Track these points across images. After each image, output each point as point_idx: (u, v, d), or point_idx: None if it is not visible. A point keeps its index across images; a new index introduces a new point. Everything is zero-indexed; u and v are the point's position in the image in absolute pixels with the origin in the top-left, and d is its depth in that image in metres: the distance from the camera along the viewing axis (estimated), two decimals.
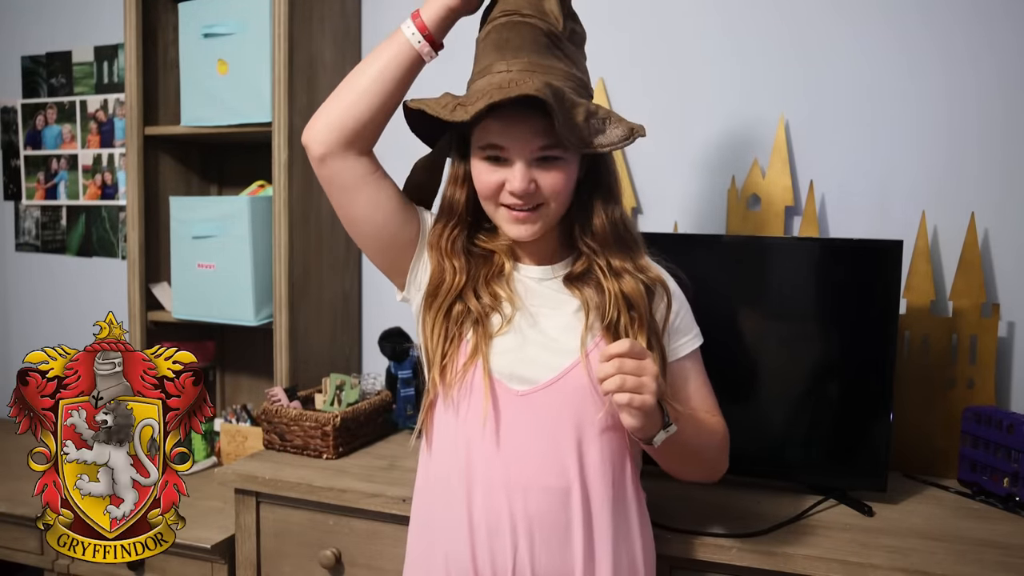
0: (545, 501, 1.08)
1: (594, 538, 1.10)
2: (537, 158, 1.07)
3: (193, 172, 2.18)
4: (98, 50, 2.39)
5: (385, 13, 2.08)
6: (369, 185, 1.14)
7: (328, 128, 1.11)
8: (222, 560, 1.66)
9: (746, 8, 1.78)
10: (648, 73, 1.86)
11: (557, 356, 1.10)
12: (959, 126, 1.66)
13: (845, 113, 1.72)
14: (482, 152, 1.09)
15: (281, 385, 1.87)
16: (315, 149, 1.13)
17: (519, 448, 1.10)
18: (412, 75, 1.13)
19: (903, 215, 1.68)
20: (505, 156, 1.07)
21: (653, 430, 1.04)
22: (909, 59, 1.68)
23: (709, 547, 1.30)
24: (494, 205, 1.12)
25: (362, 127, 1.11)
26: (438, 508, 1.15)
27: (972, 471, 1.55)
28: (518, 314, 1.13)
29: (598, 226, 1.13)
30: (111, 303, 2.37)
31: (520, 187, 1.06)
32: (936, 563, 1.22)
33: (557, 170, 1.08)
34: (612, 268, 1.13)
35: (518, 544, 1.08)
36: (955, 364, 1.62)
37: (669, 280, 1.20)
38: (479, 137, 1.09)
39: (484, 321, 1.12)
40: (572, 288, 1.14)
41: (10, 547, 1.88)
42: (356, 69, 1.13)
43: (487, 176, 1.10)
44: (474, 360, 1.10)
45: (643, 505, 1.19)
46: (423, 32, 1.10)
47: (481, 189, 1.11)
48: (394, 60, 1.11)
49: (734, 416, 1.56)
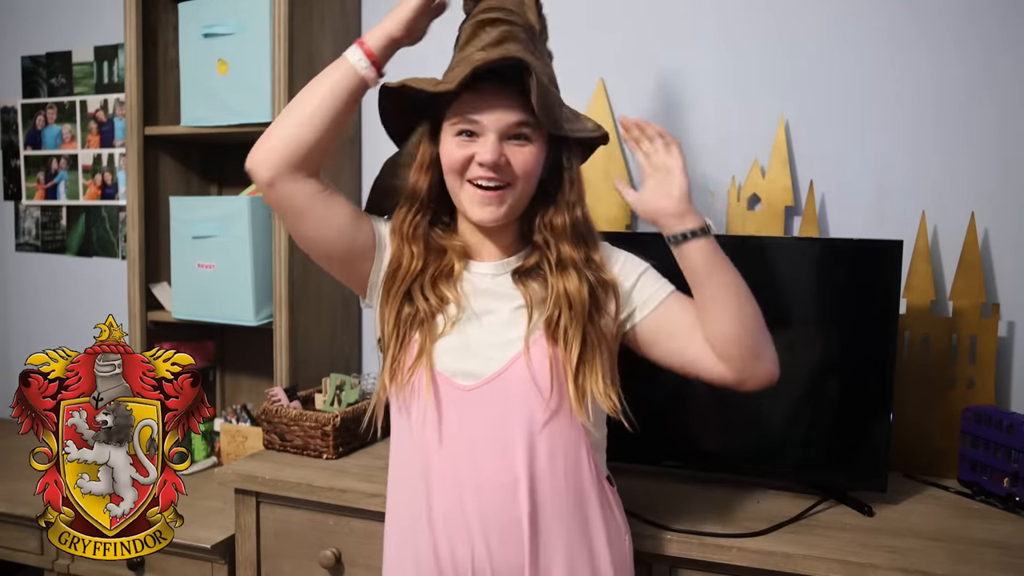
0: (497, 496, 1.10)
1: (540, 533, 1.10)
2: (510, 135, 1.10)
3: (193, 172, 2.17)
4: (98, 50, 2.39)
5: (385, 13, 2.07)
6: (318, 204, 1.14)
7: (274, 153, 1.12)
8: (222, 560, 1.66)
9: (746, 8, 1.78)
10: (648, 73, 1.86)
11: (501, 350, 1.11)
12: (959, 126, 1.66)
13: (845, 113, 1.72)
14: (454, 128, 1.11)
15: (281, 385, 1.87)
16: (262, 175, 1.12)
17: (469, 444, 1.11)
18: (357, 100, 1.15)
19: (903, 215, 1.68)
20: (478, 131, 1.10)
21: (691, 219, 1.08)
22: (909, 59, 1.68)
23: (709, 547, 1.30)
24: (460, 181, 1.12)
25: (308, 151, 1.12)
26: (403, 509, 1.18)
27: (972, 471, 1.55)
28: (463, 314, 1.14)
29: (558, 223, 1.15)
30: (111, 303, 2.38)
31: (491, 158, 1.08)
32: (936, 563, 1.22)
33: (528, 149, 1.11)
34: (561, 261, 1.13)
35: (474, 540, 1.10)
36: (955, 364, 1.62)
37: (626, 263, 1.18)
38: (454, 113, 1.11)
39: (429, 322, 1.13)
40: (518, 283, 1.15)
41: (10, 547, 1.88)
42: (301, 94, 1.14)
43: (457, 150, 1.11)
44: (420, 361, 1.12)
45: (608, 500, 1.18)
46: (370, 58, 1.13)
47: (450, 163, 1.12)
48: (340, 85, 1.12)
49: (735, 416, 1.57)
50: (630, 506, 1.39)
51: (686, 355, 1.14)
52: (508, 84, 1.09)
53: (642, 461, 1.61)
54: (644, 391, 1.60)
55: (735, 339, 1.10)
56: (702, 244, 1.09)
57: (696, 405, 1.60)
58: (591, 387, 1.10)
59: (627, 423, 1.11)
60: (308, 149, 1.11)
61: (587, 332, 1.11)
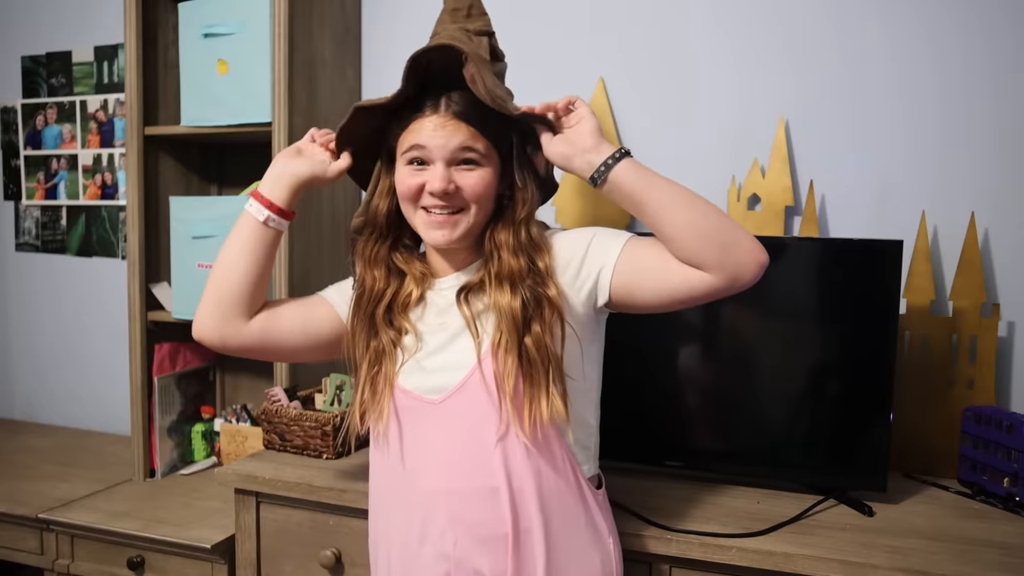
0: (478, 502, 1.12)
1: (520, 535, 1.11)
2: (458, 160, 1.12)
3: (193, 172, 2.17)
4: (98, 50, 2.39)
5: (385, 13, 2.08)
6: (271, 333, 1.23)
7: (210, 315, 1.21)
8: (222, 560, 1.66)
9: (746, 9, 1.78)
10: (648, 73, 1.86)
11: (463, 356, 1.13)
12: (959, 126, 1.66)
13: (845, 113, 1.72)
14: (405, 157, 1.14)
15: (281, 385, 1.87)
16: (209, 338, 1.22)
17: (448, 454, 1.14)
18: (274, 244, 1.22)
19: (903, 215, 1.68)
20: (427, 158, 1.12)
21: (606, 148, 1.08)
22: (909, 59, 1.68)
23: (709, 547, 1.29)
24: (414, 208, 1.16)
25: (239, 299, 1.20)
26: (384, 523, 1.22)
27: (972, 471, 1.55)
28: (425, 336, 1.18)
29: (501, 239, 1.15)
30: (111, 303, 2.38)
31: (439, 186, 1.10)
32: (936, 563, 1.22)
33: (476, 172, 1.13)
34: (499, 274, 1.14)
35: (457, 548, 1.12)
36: (955, 364, 1.62)
37: (575, 238, 1.16)
38: (403, 142, 1.14)
39: (392, 355, 1.18)
40: (462, 304, 1.15)
41: (10, 547, 1.88)
42: (219, 253, 1.22)
43: (408, 179, 1.14)
44: (385, 391, 1.17)
45: (588, 504, 1.18)
46: (272, 209, 1.20)
47: (403, 191, 1.15)
48: (251, 236, 1.21)
49: (735, 416, 1.57)
50: (631, 506, 1.40)
51: (668, 284, 1.08)
52: (456, 99, 1.12)
53: (642, 461, 1.61)
54: (644, 391, 1.61)
55: (700, 238, 1.04)
56: (626, 165, 1.08)
57: (696, 405, 1.60)
58: (531, 406, 1.09)
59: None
60: (238, 298, 1.20)
61: (522, 349, 1.10)
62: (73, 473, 2.05)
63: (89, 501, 1.88)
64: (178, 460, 2.07)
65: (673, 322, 1.54)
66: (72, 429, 2.45)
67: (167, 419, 2.04)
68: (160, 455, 2.01)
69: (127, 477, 2.02)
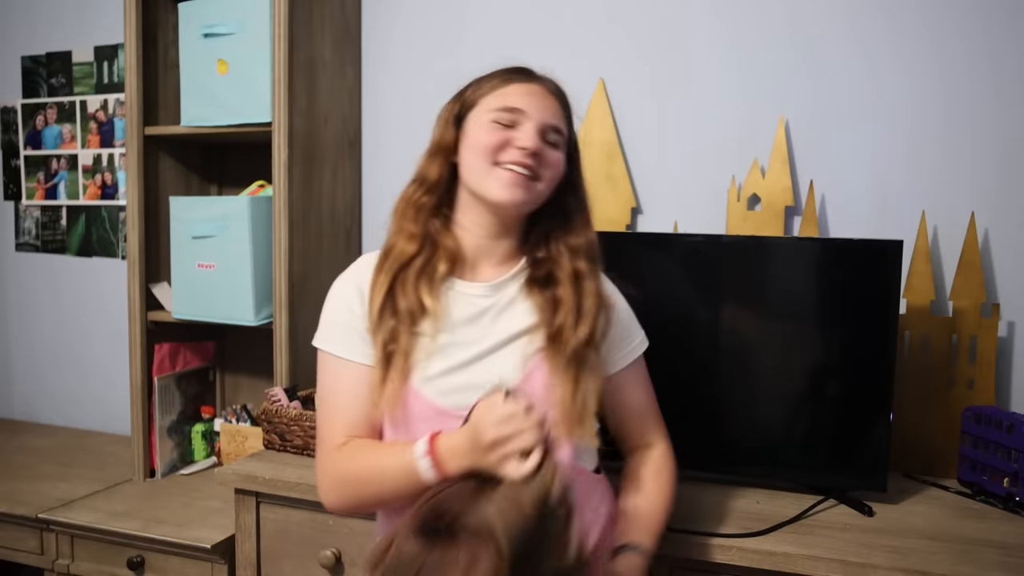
0: None
1: None
2: (546, 134, 1.12)
3: (193, 172, 2.17)
4: (98, 50, 2.39)
5: (385, 13, 2.08)
6: None
7: (346, 508, 1.14)
8: (222, 560, 1.66)
9: (746, 9, 1.78)
10: (648, 73, 1.86)
11: (502, 374, 1.09)
12: (959, 126, 1.66)
13: (845, 113, 1.73)
14: (492, 113, 1.11)
15: (281, 385, 1.87)
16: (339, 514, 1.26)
17: None
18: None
19: (903, 215, 1.68)
20: (518, 121, 1.11)
21: None
22: (909, 59, 1.68)
23: (709, 547, 1.30)
24: (490, 164, 1.10)
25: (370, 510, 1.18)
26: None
27: (972, 471, 1.55)
28: (446, 337, 1.11)
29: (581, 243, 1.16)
30: (111, 303, 2.38)
31: (532, 143, 1.09)
32: (936, 563, 1.22)
33: (557, 154, 1.14)
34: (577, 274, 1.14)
35: None
36: (955, 364, 1.62)
37: (612, 294, 1.21)
38: (493, 101, 1.12)
39: (409, 338, 1.10)
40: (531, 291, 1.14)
41: (10, 547, 1.88)
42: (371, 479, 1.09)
43: (492, 135, 1.10)
44: (404, 385, 1.09)
45: (595, 483, 1.21)
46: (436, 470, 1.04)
47: (483, 146, 1.10)
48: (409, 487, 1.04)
49: (735, 416, 1.57)
50: None
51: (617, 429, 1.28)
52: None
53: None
54: None
55: None
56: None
57: (696, 405, 1.60)
58: (582, 422, 1.09)
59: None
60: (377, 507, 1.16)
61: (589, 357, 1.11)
62: (73, 473, 2.05)
63: (89, 501, 1.88)
64: (178, 460, 2.07)
65: (673, 322, 1.54)
66: (72, 429, 2.45)
67: (167, 419, 2.04)
68: (160, 455, 2.01)
69: (127, 477, 2.02)
